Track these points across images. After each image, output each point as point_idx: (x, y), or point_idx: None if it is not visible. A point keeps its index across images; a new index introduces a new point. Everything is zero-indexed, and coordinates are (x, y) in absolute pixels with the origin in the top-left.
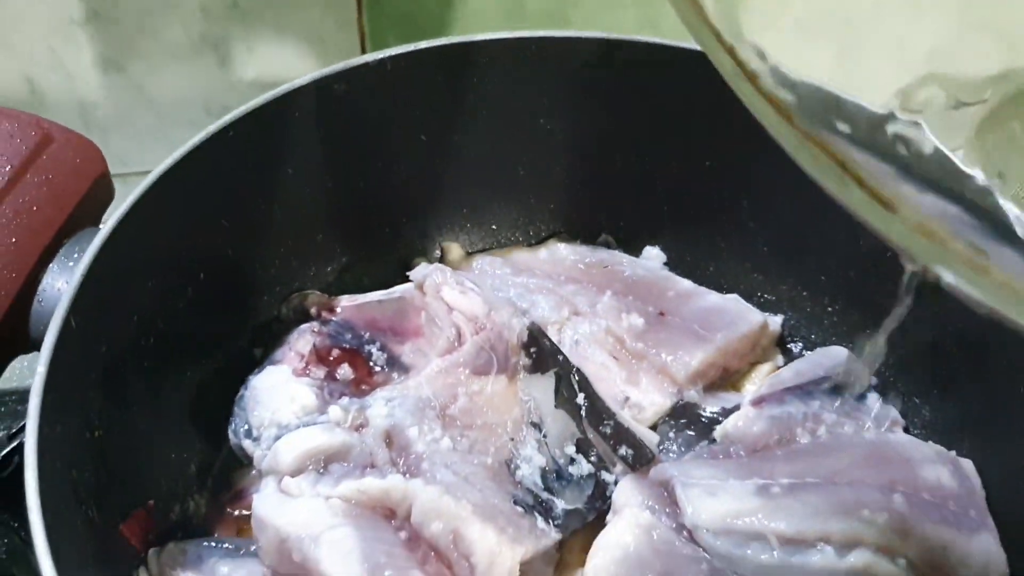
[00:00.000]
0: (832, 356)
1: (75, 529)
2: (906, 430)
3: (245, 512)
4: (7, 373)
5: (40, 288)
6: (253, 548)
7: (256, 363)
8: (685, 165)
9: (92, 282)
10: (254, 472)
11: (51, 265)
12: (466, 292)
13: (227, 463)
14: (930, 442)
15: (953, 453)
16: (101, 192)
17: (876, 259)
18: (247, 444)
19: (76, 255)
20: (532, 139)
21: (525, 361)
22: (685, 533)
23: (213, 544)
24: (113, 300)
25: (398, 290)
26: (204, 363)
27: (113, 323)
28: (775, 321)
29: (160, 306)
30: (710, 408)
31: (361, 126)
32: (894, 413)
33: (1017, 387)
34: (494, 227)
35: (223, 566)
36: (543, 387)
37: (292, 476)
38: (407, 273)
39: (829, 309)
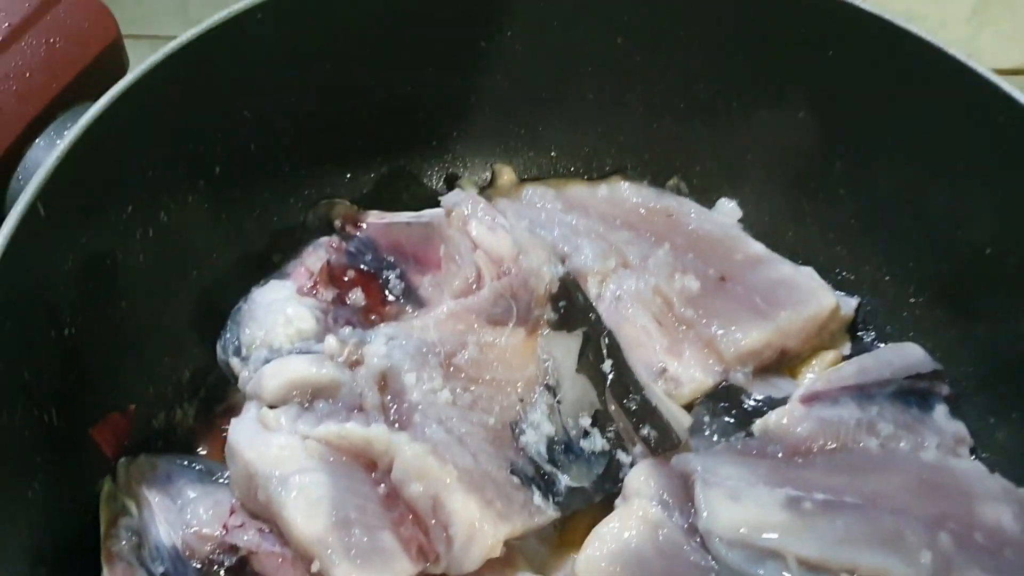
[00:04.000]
0: (905, 355)
1: (17, 437)
2: (973, 451)
3: None
4: None
5: (22, 164)
6: (228, 476)
7: (274, 269)
8: (779, 113)
9: (74, 162)
10: None
11: (38, 140)
12: (495, 229)
13: (225, 374)
14: (997, 474)
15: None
16: (110, 63)
17: (979, 254)
18: (235, 362)
19: (67, 132)
20: (607, 60)
21: (551, 315)
22: (697, 538)
23: (185, 463)
24: (102, 186)
25: (427, 214)
26: (213, 264)
27: (99, 211)
28: (849, 304)
29: (163, 198)
30: (756, 395)
31: (412, 19)
32: (962, 430)
33: None
34: (553, 154)
35: (191, 491)
36: (566, 347)
37: (274, 406)
38: (439, 198)
39: (912, 300)
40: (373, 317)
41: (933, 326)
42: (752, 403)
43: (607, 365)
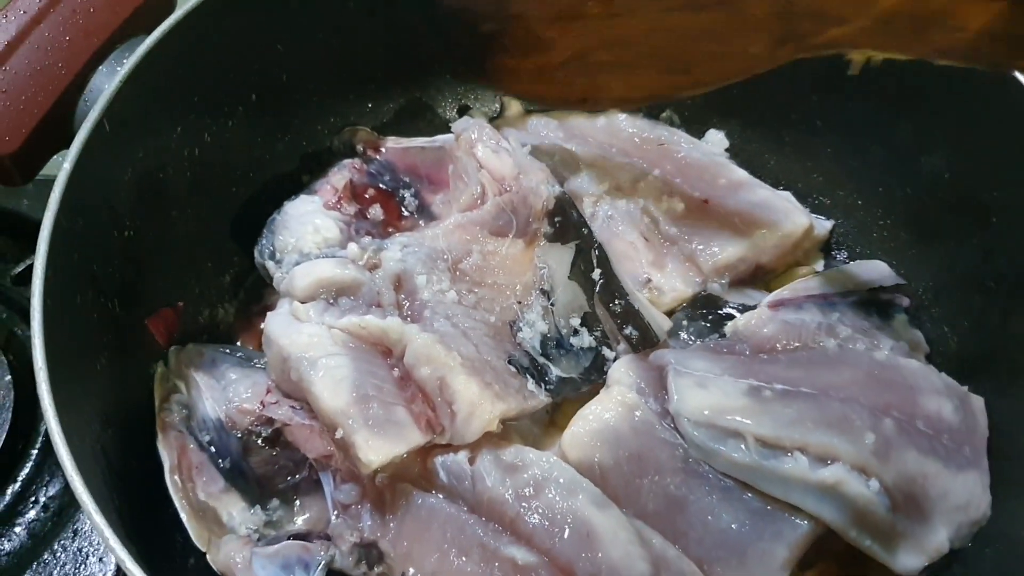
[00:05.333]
0: (869, 270)
1: (88, 318)
2: (928, 357)
3: None
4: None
5: (88, 88)
6: (264, 362)
7: (303, 187)
8: None
9: (133, 87)
10: None
11: (101, 67)
12: (498, 152)
13: (261, 278)
14: (943, 373)
15: (966, 389)
16: (161, 1)
17: (935, 182)
18: (270, 265)
19: (126, 60)
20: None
21: (547, 229)
22: (668, 420)
23: (228, 351)
24: (155, 108)
25: (440, 139)
26: (251, 181)
27: (153, 130)
28: (824, 226)
29: (207, 121)
30: (731, 303)
31: None
32: (919, 338)
33: None
34: None
35: (233, 373)
36: (560, 257)
37: (304, 302)
38: (450, 125)
39: (880, 223)
40: (390, 230)
41: (898, 246)
42: (727, 310)
43: (596, 273)
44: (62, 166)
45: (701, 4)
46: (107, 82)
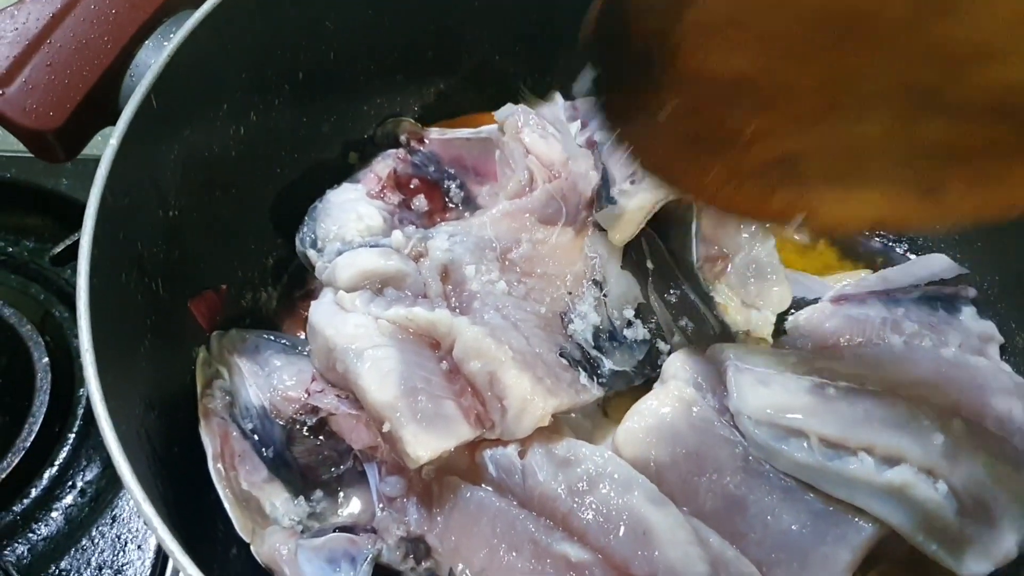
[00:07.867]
0: (929, 265)
1: (132, 298)
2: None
3: None
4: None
5: (133, 63)
6: (308, 349)
7: (349, 169)
8: None
9: (180, 63)
10: None
11: (147, 42)
12: (547, 137)
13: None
14: (1012, 371)
15: None
16: None
17: None
18: (311, 253)
19: (172, 35)
20: None
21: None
22: (727, 416)
23: (272, 338)
24: (201, 84)
25: (485, 130)
26: (296, 164)
27: (200, 107)
28: None
29: (253, 98)
30: None
31: None
32: (990, 329)
33: None
34: None
35: (277, 360)
36: (612, 246)
37: (348, 292)
38: (493, 113)
39: None
40: (436, 220)
41: (962, 237)
42: None
43: (649, 263)
44: (109, 142)
45: (961, 109)
46: (154, 57)
